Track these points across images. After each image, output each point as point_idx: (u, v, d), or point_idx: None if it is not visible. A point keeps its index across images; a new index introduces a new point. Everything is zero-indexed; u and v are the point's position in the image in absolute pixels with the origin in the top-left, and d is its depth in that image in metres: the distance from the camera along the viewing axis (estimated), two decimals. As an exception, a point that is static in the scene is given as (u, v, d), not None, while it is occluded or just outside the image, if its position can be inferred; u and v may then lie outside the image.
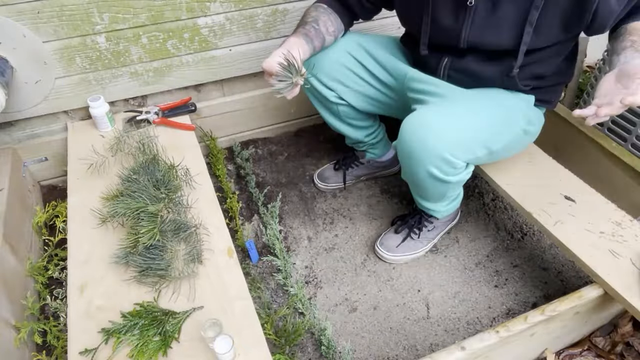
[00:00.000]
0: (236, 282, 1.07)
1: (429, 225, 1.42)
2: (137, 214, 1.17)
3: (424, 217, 1.41)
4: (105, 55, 1.45)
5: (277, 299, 1.33)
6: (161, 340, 0.95)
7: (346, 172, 1.64)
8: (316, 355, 1.20)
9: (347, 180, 1.65)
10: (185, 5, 1.44)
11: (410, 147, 1.08)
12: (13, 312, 1.14)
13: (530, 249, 1.48)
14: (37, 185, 1.64)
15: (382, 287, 1.37)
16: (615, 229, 1.18)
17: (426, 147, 1.05)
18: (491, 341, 0.99)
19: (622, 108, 0.84)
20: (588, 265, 1.10)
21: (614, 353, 1.23)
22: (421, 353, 1.22)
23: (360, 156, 1.65)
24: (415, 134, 1.06)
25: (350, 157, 1.66)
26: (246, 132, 1.87)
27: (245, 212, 1.59)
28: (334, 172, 1.67)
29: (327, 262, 1.44)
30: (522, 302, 1.33)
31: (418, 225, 1.42)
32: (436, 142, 1.04)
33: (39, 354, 1.14)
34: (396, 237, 1.43)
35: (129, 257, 1.09)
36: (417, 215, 1.42)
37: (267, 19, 1.57)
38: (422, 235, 1.43)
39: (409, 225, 1.43)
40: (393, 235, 1.44)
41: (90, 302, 1.03)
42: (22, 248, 1.31)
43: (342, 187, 1.67)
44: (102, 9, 1.35)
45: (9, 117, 1.47)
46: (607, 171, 1.53)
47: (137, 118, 1.54)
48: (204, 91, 1.71)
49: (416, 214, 1.43)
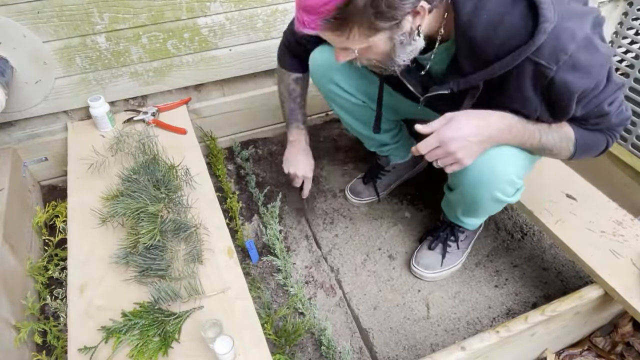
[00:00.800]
0: (236, 282, 1.06)
1: (461, 235, 1.38)
2: (137, 214, 1.17)
3: (455, 228, 1.37)
4: (105, 55, 1.45)
5: (277, 299, 1.33)
6: (161, 341, 0.95)
7: (376, 184, 1.61)
8: (316, 355, 1.20)
9: (380, 192, 1.61)
10: (185, 5, 1.44)
11: (478, 175, 1.03)
12: (13, 312, 1.14)
13: (530, 249, 1.48)
14: (37, 185, 1.64)
15: (382, 287, 1.37)
16: (616, 229, 1.18)
17: (496, 172, 1.02)
18: (491, 341, 0.99)
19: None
20: (588, 265, 1.10)
21: (614, 353, 1.22)
22: (421, 353, 1.22)
23: (384, 163, 1.60)
24: (484, 162, 1.00)
25: (375, 168, 1.62)
26: (246, 132, 1.87)
27: (245, 212, 1.59)
28: (364, 186, 1.63)
29: (328, 262, 1.44)
30: (522, 302, 1.33)
31: (451, 237, 1.37)
32: (505, 167, 1.01)
33: (39, 354, 1.14)
34: (431, 253, 1.38)
35: (129, 257, 1.09)
36: (448, 227, 1.37)
37: (267, 19, 1.57)
38: (456, 247, 1.38)
39: (442, 240, 1.38)
40: (427, 252, 1.39)
41: (90, 302, 1.03)
42: (22, 248, 1.31)
43: (376, 199, 1.63)
44: (102, 9, 1.35)
45: (9, 117, 1.47)
46: (608, 171, 1.53)
47: (135, 118, 1.55)
48: (204, 91, 1.71)
49: (446, 226, 1.38)
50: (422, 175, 1.68)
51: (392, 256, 1.45)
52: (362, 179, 1.65)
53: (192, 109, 1.67)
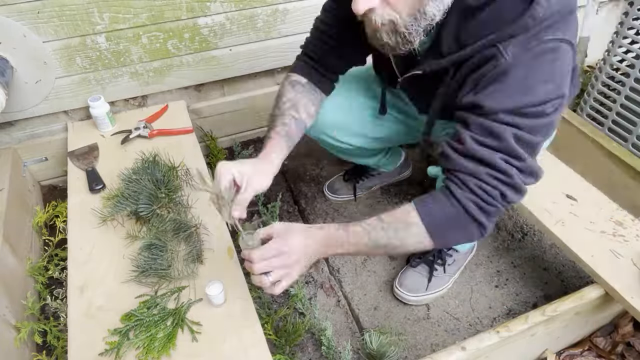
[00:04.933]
0: (236, 282, 1.06)
1: (449, 259, 1.32)
2: (137, 214, 1.17)
3: (443, 250, 1.31)
4: (106, 55, 1.45)
5: (277, 299, 1.33)
6: (166, 337, 0.94)
7: (357, 185, 1.59)
8: (316, 355, 1.20)
9: (357, 192, 1.60)
10: (186, 5, 1.44)
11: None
12: (13, 312, 1.14)
13: (530, 249, 1.48)
14: (37, 185, 1.64)
15: (382, 287, 1.37)
16: (617, 229, 1.18)
17: None
18: (492, 341, 0.99)
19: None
20: (589, 266, 1.10)
21: (614, 353, 1.22)
22: (421, 353, 1.21)
23: (371, 167, 1.60)
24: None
25: (360, 168, 1.60)
26: (246, 132, 1.87)
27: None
28: (344, 183, 1.62)
29: (328, 262, 1.44)
30: (523, 302, 1.33)
31: (438, 260, 1.31)
32: None
33: (39, 354, 1.14)
34: (415, 274, 1.31)
35: (129, 256, 1.09)
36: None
37: (267, 19, 1.57)
38: (443, 271, 1.32)
39: (428, 261, 1.32)
40: (412, 273, 1.32)
41: (91, 302, 1.03)
42: (22, 248, 1.31)
43: (352, 199, 1.62)
44: (102, 8, 1.35)
45: (9, 117, 1.47)
46: (608, 171, 1.53)
47: (130, 137, 1.47)
48: (204, 91, 1.71)
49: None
50: (423, 175, 1.68)
51: (392, 256, 1.45)
52: (343, 176, 1.64)
53: (192, 109, 1.67)
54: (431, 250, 1.31)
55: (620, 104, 1.61)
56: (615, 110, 1.64)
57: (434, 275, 1.31)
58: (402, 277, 1.33)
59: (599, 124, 1.72)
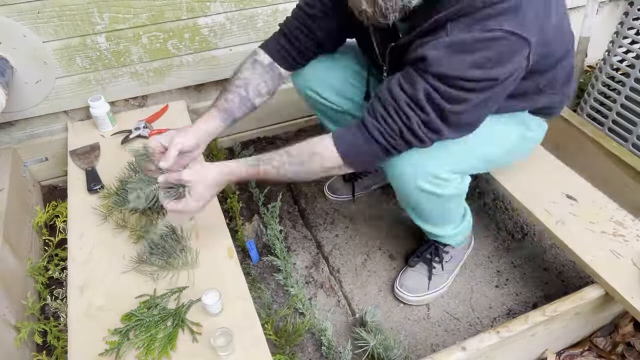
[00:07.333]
0: (236, 282, 1.06)
1: (445, 256, 1.32)
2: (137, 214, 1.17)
3: (439, 247, 1.32)
4: (106, 55, 1.45)
5: (277, 299, 1.33)
6: (166, 337, 0.94)
7: (355, 184, 1.59)
8: (316, 355, 1.20)
9: (357, 192, 1.60)
10: (186, 5, 1.44)
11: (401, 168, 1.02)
12: (13, 312, 1.14)
13: (530, 249, 1.48)
14: (37, 185, 1.64)
15: (382, 287, 1.37)
16: (617, 229, 1.18)
17: (414, 164, 1.00)
18: (492, 341, 0.99)
19: None
20: (589, 266, 1.10)
21: (614, 353, 1.22)
22: (422, 353, 1.21)
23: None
24: (402, 156, 0.99)
25: None
26: (246, 132, 1.87)
27: (245, 212, 1.59)
28: (344, 184, 1.62)
29: (328, 262, 1.44)
30: (523, 302, 1.33)
31: (435, 257, 1.32)
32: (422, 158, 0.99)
33: (39, 354, 1.14)
34: (415, 274, 1.32)
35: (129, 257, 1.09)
36: (431, 246, 1.32)
37: (267, 19, 1.57)
38: (441, 268, 1.32)
39: (426, 259, 1.33)
40: (412, 273, 1.33)
41: (91, 302, 1.03)
42: (22, 248, 1.31)
43: (351, 199, 1.62)
44: (102, 9, 1.35)
45: (9, 117, 1.47)
46: (608, 171, 1.53)
47: (130, 137, 1.47)
48: (204, 91, 1.71)
49: (429, 245, 1.33)
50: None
51: (392, 256, 1.45)
52: (343, 176, 1.64)
53: (192, 109, 1.67)
54: (427, 247, 1.33)
55: (620, 104, 1.61)
56: (615, 110, 1.64)
57: (433, 274, 1.31)
58: (402, 278, 1.34)
59: (599, 124, 1.72)
